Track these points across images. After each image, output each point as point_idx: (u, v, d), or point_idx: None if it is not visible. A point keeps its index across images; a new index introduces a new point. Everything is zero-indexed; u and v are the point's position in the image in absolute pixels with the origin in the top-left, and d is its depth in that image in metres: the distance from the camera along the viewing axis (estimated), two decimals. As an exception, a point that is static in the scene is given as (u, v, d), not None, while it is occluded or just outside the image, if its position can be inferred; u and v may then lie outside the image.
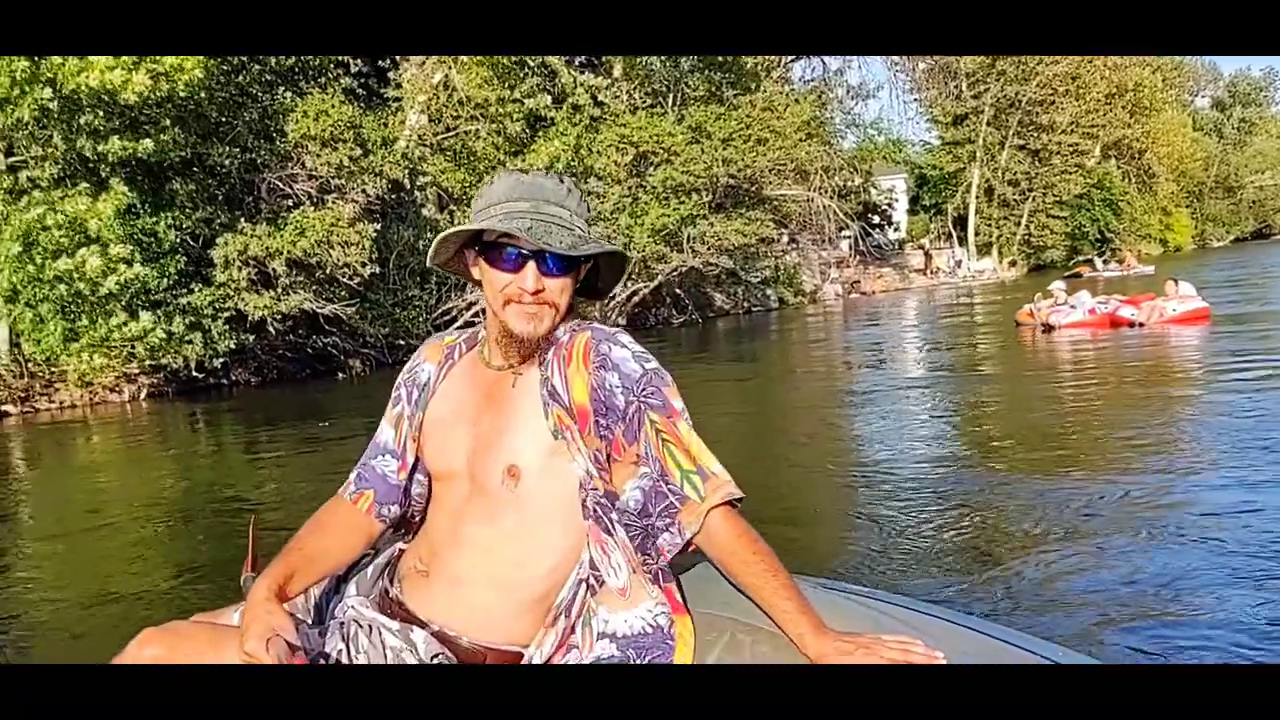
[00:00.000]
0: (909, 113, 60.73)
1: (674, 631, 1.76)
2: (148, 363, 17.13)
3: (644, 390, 1.75)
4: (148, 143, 15.41)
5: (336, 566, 1.93)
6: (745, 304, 34.99)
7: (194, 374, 17.94)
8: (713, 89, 30.35)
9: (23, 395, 17.42)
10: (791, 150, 31.50)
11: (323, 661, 1.80)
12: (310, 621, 1.91)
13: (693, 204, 27.63)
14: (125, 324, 16.18)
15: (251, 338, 18.40)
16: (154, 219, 16.55)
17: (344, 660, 1.81)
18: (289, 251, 17.66)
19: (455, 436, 1.85)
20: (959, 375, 14.27)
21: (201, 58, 15.29)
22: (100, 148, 15.28)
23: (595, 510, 1.76)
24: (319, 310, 18.97)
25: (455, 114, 24.05)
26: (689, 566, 1.85)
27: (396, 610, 1.87)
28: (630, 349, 1.79)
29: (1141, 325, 16.87)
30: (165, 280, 16.62)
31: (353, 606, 1.88)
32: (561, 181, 1.82)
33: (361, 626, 1.84)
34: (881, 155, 54.36)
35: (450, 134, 24.11)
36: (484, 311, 1.87)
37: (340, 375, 20.57)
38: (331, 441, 11.72)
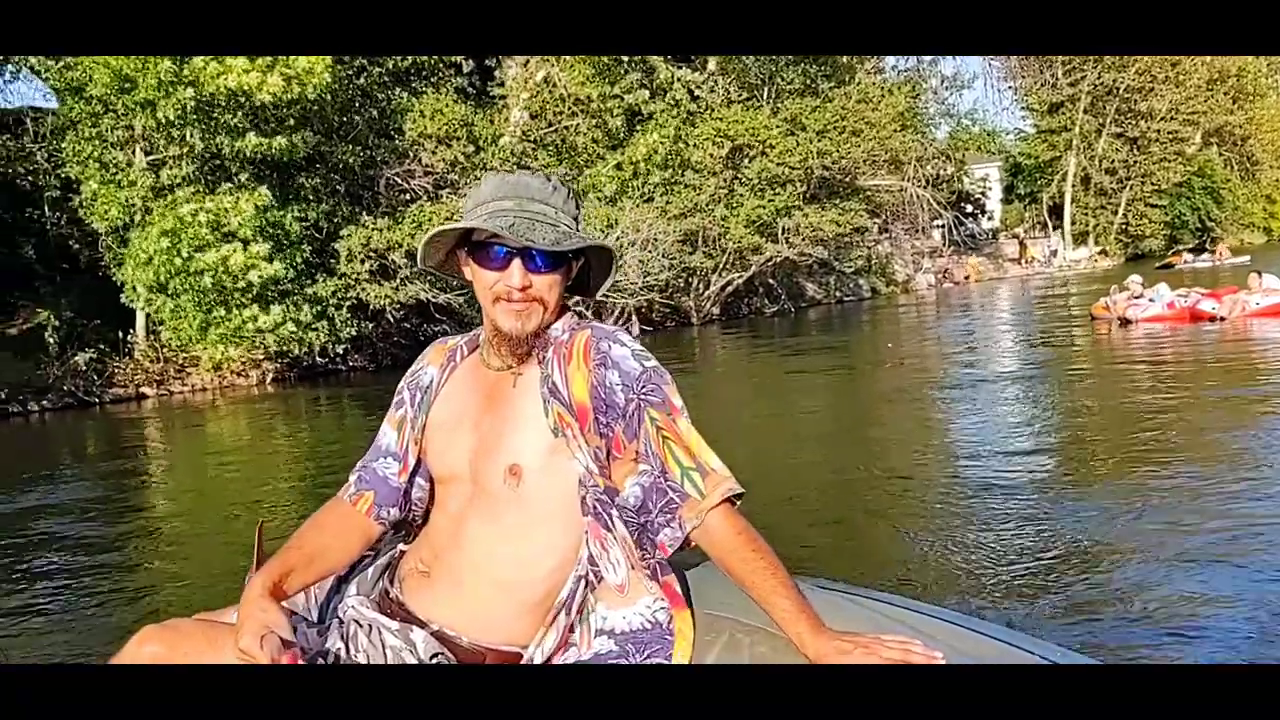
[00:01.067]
0: (1004, 101, 59.90)
1: (673, 627, 1.76)
2: (271, 347, 18.22)
3: (644, 388, 1.75)
4: (280, 140, 16.46)
5: (334, 567, 1.93)
6: (837, 294, 35.27)
7: (316, 360, 19.03)
8: (808, 82, 30.73)
9: (158, 379, 18.68)
10: (886, 141, 31.74)
11: (322, 661, 1.82)
12: (310, 621, 1.91)
13: (788, 195, 28.14)
14: (257, 316, 17.26)
15: (370, 325, 19.41)
16: (282, 213, 17.58)
17: (343, 660, 1.83)
18: (407, 243, 18.64)
19: (457, 439, 1.86)
20: (1041, 370, 13.75)
21: (328, 60, 16.26)
22: (236, 145, 16.35)
23: (595, 507, 1.77)
24: (432, 299, 19.91)
25: (557, 110, 24.86)
26: (688, 565, 1.85)
27: (396, 610, 1.88)
28: (630, 347, 1.80)
29: (1222, 319, 16.18)
30: (292, 271, 17.67)
31: (353, 606, 1.89)
32: (548, 179, 1.83)
33: (361, 626, 1.86)
34: (976, 145, 54.00)
35: (552, 129, 24.92)
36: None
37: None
38: None
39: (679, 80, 26.07)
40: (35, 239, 19.76)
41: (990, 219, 55.55)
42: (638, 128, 25.58)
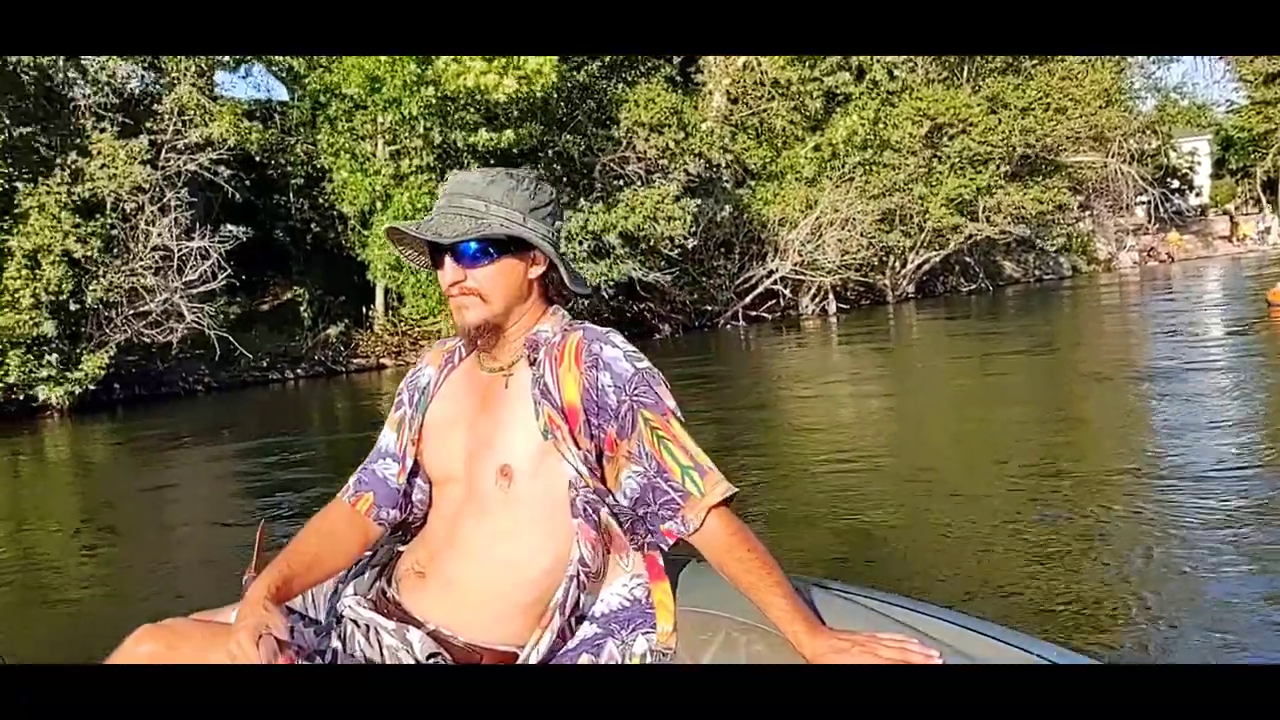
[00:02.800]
0: (1215, 74, 56.91)
1: (652, 600, 1.77)
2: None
3: (636, 389, 1.74)
4: (509, 133, 17.81)
5: (335, 569, 1.93)
6: (1037, 272, 34.86)
7: (537, 334, 20.42)
8: (1010, 59, 30.46)
9: (396, 350, 20.43)
10: (1091, 118, 31.18)
11: (320, 660, 1.82)
12: (307, 620, 1.92)
13: (989, 173, 28.10)
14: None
15: (584, 303, 20.67)
16: (508, 199, 18.96)
17: (341, 659, 1.83)
18: (621, 226, 19.80)
19: (451, 440, 1.87)
20: (1253, 357, 12.29)
21: (554, 60, 17.45)
22: (470, 139, 17.78)
23: (585, 509, 1.77)
24: (641, 278, 21.03)
25: (757, 94, 25.56)
26: (683, 565, 1.85)
27: (393, 610, 1.88)
28: (621, 348, 1.79)
29: None
30: (516, 252, 19.04)
31: (350, 606, 1.90)
32: (495, 175, 1.81)
33: (358, 626, 1.87)
34: (1184, 119, 51.83)
35: (751, 113, 25.64)
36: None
37: (657, 336, 22.71)
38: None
39: (879, 61, 26.36)
40: (283, 223, 21.70)
41: (1199, 195, 53.32)
42: (836, 109, 26.03)
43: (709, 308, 24.04)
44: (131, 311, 15.56)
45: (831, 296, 26.27)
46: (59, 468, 11.62)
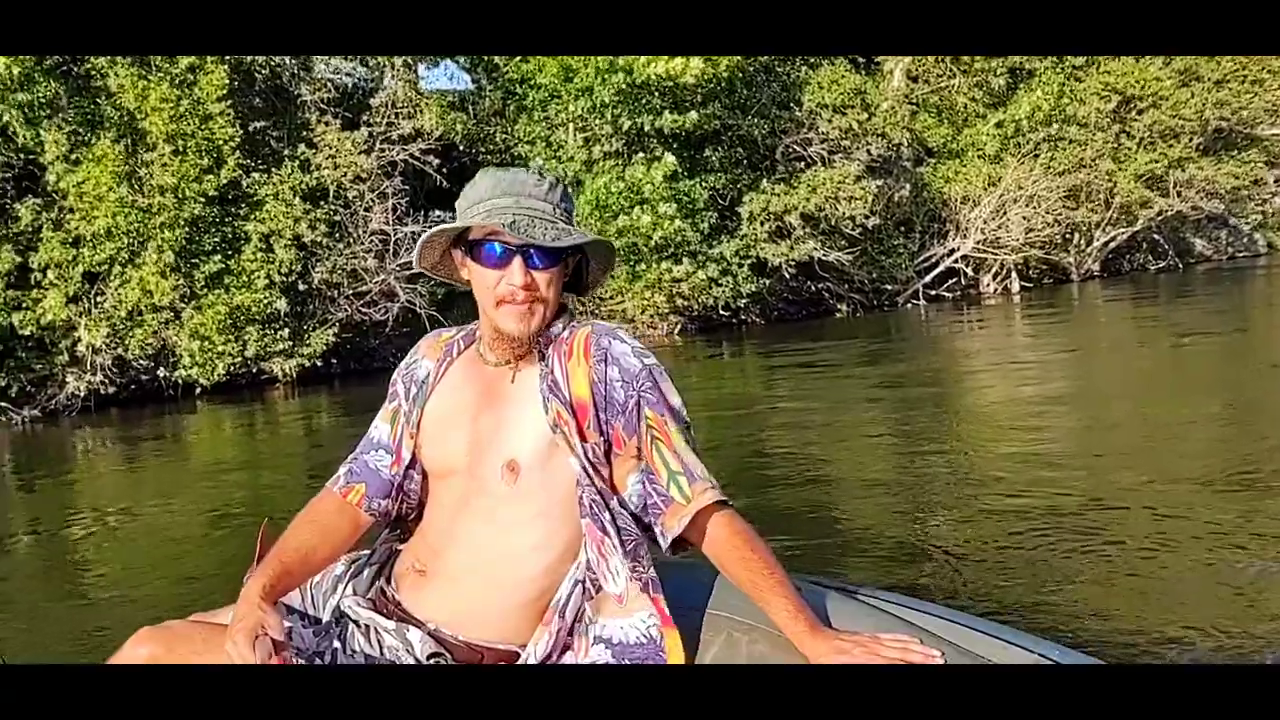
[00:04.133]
0: None
1: (665, 644, 1.73)
2: (679, 301, 20.36)
3: (642, 385, 1.74)
4: (693, 115, 18.45)
5: (327, 560, 1.91)
6: (1229, 250, 33.56)
7: (720, 313, 21.04)
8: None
9: (574, 330, 21.34)
10: (1292, 88, 29.85)
11: (320, 661, 1.81)
12: (307, 621, 1.89)
13: (1180, 147, 27.29)
14: (671, 269, 19.48)
15: (766, 282, 21.18)
16: (691, 182, 19.63)
17: (340, 660, 1.82)
18: (802, 206, 20.22)
19: (454, 434, 1.85)
20: None
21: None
22: (656, 123, 18.50)
23: (591, 507, 1.75)
24: (821, 258, 21.38)
25: (938, 72, 25.48)
26: (685, 565, 1.84)
27: (393, 610, 1.87)
28: (630, 344, 1.79)
29: None
30: (698, 234, 19.71)
31: (349, 606, 1.88)
32: (542, 177, 1.80)
33: (358, 626, 1.86)
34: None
35: (932, 91, 25.58)
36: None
37: (838, 314, 23.02)
38: (826, 370, 13.37)
39: (1064, 35, 25.84)
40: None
41: None
42: (1020, 85, 25.72)
43: (888, 287, 24.19)
44: (351, 291, 16.84)
45: (1014, 275, 26.01)
46: (291, 431, 12.81)
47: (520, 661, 1.80)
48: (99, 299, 14.91)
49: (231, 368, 15.60)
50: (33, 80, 13.68)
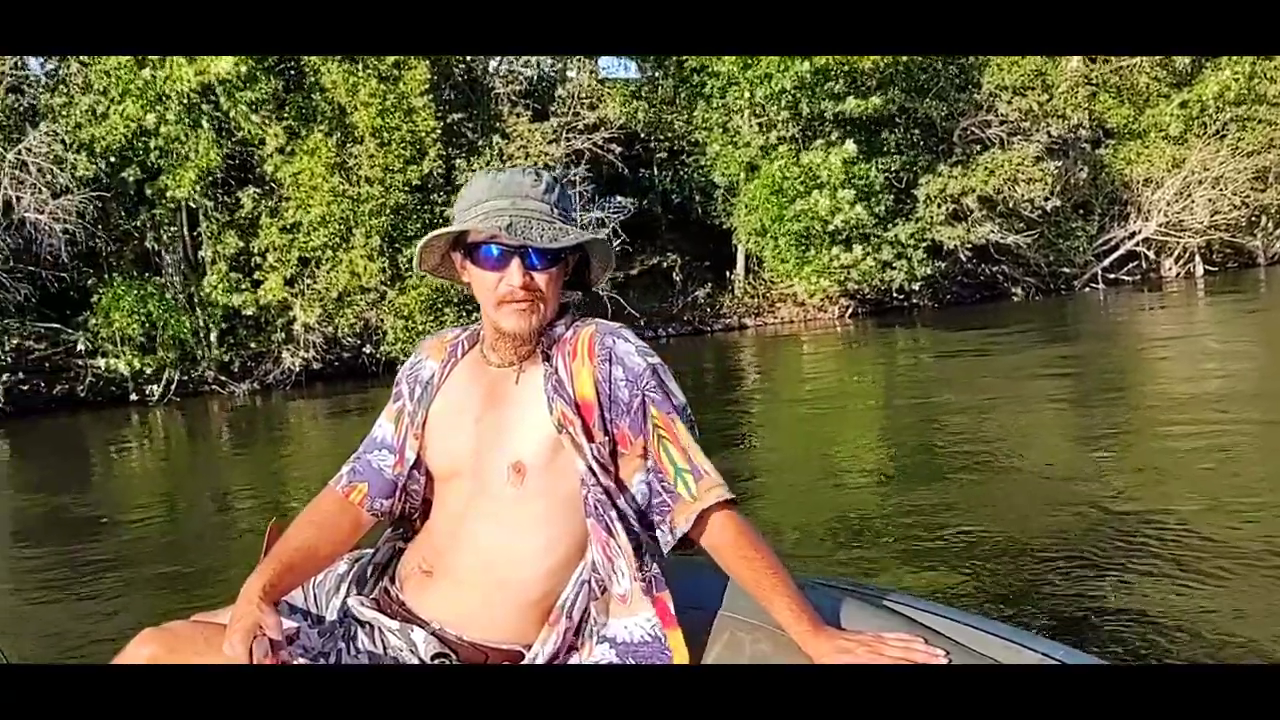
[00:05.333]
0: None
1: (669, 644, 1.74)
2: (850, 285, 20.53)
3: (647, 384, 1.74)
4: (875, 100, 18.60)
5: (329, 559, 1.93)
6: None
7: (893, 296, 21.13)
8: None
9: (755, 312, 21.72)
10: None
11: (323, 661, 1.81)
12: (312, 621, 1.90)
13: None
14: (842, 254, 19.67)
15: (942, 265, 21.16)
16: (868, 166, 19.77)
17: (344, 660, 1.83)
18: (980, 189, 20.14)
19: (458, 435, 1.85)
20: None
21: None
22: (837, 108, 18.71)
23: (596, 508, 1.75)
24: (999, 241, 21.24)
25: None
26: (689, 564, 1.83)
27: (397, 610, 1.87)
28: (633, 343, 1.79)
29: None
30: (874, 217, 19.85)
31: (353, 606, 1.89)
32: (539, 176, 1.80)
33: (362, 626, 1.86)
34: None
35: (1112, 71, 24.98)
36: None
37: (1014, 298, 22.79)
38: (1003, 355, 13.17)
39: (1255, 11, 24.87)
40: (649, 194, 23.41)
41: None
42: (1206, 64, 24.89)
43: (1065, 270, 23.81)
44: (538, 274, 17.60)
45: (1198, 259, 25.24)
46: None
47: (525, 662, 1.81)
48: (312, 281, 16.00)
49: (432, 344, 16.55)
50: (255, 79, 14.77)
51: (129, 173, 15.16)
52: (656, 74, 21.87)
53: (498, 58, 17.89)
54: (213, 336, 16.04)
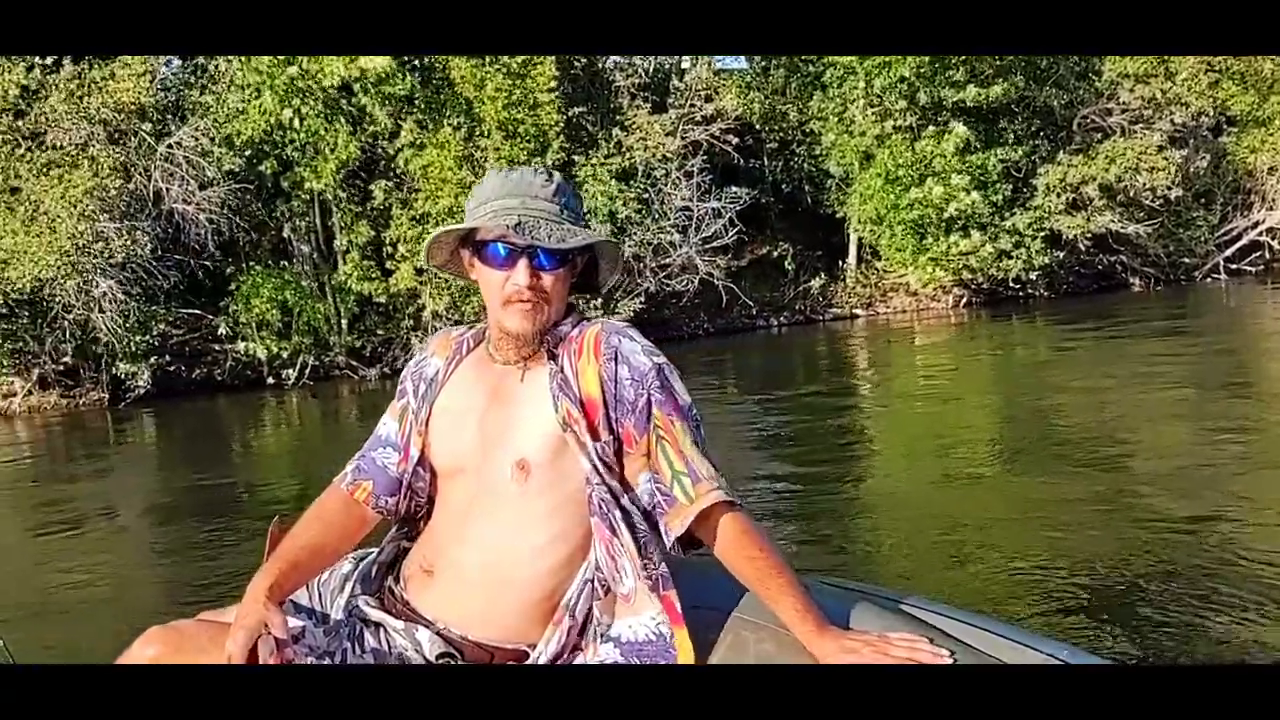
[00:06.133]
0: None
1: (674, 642, 1.73)
2: (964, 275, 20.44)
3: (652, 384, 1.74)
4: (997, 88, 18.54)
5: (334, 558, 1.92)
6: None
7: (1008, 286, 20.96)
8: None
9: (867, 302, 21.73)
10: None
11: (328, 661, 1.81)
12: (316, 620, 1.89)
13: None
14: (958, 243, 19.62)
15: (1060, 255, 20.95)
16: (985, 154, 19.68)
17: (350, 660, 1.82)
18: (1100, 177, 19.90)
19: (462, 432, 1.84)
20: None
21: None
22: (958, 96, 18.69)
23: (600, 507, 1.74)
24: (1118, 230, 20.94)
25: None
26: (692, 564, 1.82)
27: (402, 609, 1.86)
28: (639, 342, 1.78)
29: None
30: (990, 206, 19.74)
31: (358, 606, 1.88)
32: (550, 177, 1.80)
33: (368, 626, 1.85)
34: None
35: (1235, 58, 24.34)
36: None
37: (1133, 288, 22.44)
38: (1126, 347, 13.11)
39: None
40: (760, 183, 23.54)
41: None
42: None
43: (1186, 260, 23.32)
44: (655, 264, 17.90)
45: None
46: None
47: (529, 661, 1.79)
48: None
49: (552, 335, 17.01)
50: (393, 76, 15.32)
51: (266, 166, 15.83)
52: (769, 64, 21.98)
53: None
54: (344, 323, 16.67)
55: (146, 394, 15.41)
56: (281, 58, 14.87)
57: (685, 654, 1.70)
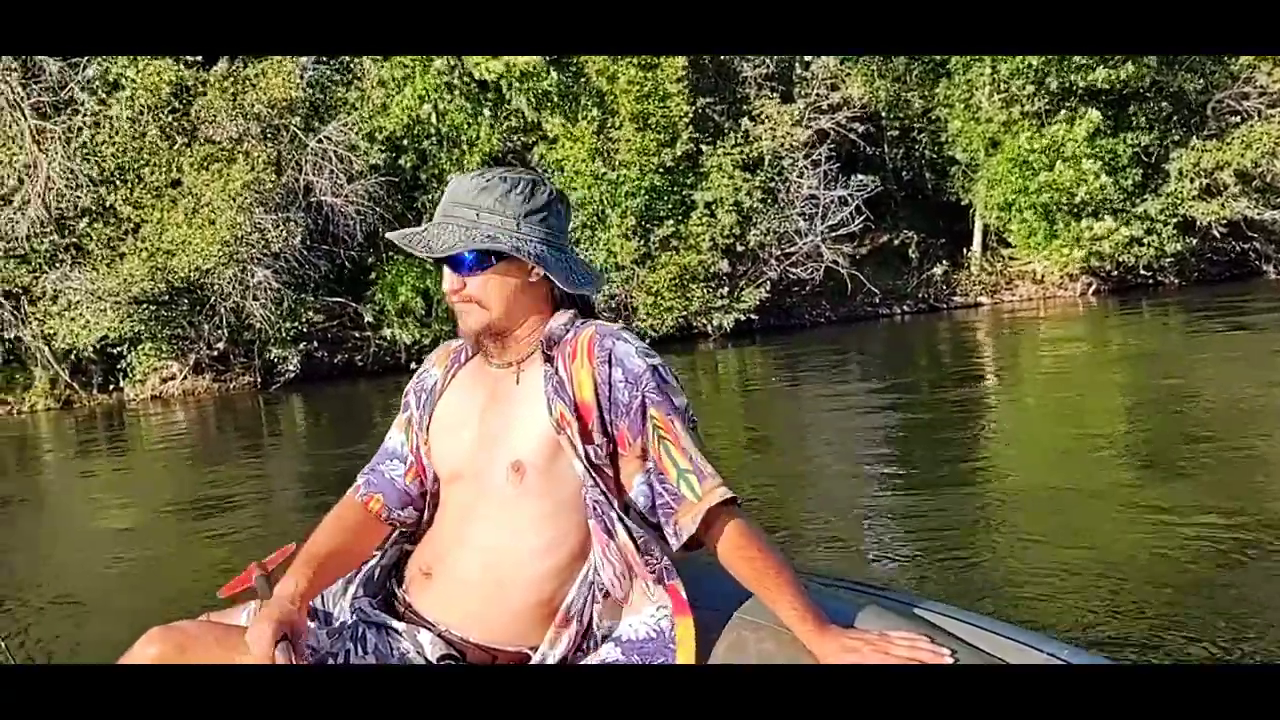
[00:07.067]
0: None
1: (675, 635, 1.73)
2: (1094, 261, 20.23)
3: (646, 386, 1.73)
4: (1129, 68, 18.32)
5: (355, 564, 1.95)
6: None
7: (1137, 273, 20.67)
8: None
9: (992, 290, 21.60)
10: None
11: (331, 663, 1.81)
12: (320, 622, 1.91)
13: None
14: (1092, 227, 19.44)
15: (1193, 242, 20.58)
16: (1115, 139, 19.45)
17: (352, 660, 1.83)
18: (1236, 163, 19.51)
19: (459, 437, 1.86)
20: None
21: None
22: (1088, 79, 18.52)
23: (596, 509, 1.75)
24: (1254, 217, 20.49)
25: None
26: (693, 564, 1.83)
27: (404, 612, 1.88)
28: (633, 345, 1.77)
29: None
30: (1122, 191, 19.50)
31: (361, 608, 1.90)
32: (489, 181, 1.78)
33: (370, 627, 1.86)
34: None
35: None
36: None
37: (1267, 275, 21.88)
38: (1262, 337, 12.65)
39: None
40: (881, 171, 23.54)
41: None
42: None
43: (1322, 248, 22.69)
44: (780, 252, 18.12)
45: None
46: (736, 383, 14.14)
47: (532, 663, 1.80)
48: (571, 260, 17.06)
49: (677, 321, 17.33)
50: (539, 72, 15.85)
51: (405, 160, 16.47)
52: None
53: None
54: (480, 312, 17.26)
55: (295, 378, 16.20)
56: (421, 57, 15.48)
57: (686, 648, 1.71)
